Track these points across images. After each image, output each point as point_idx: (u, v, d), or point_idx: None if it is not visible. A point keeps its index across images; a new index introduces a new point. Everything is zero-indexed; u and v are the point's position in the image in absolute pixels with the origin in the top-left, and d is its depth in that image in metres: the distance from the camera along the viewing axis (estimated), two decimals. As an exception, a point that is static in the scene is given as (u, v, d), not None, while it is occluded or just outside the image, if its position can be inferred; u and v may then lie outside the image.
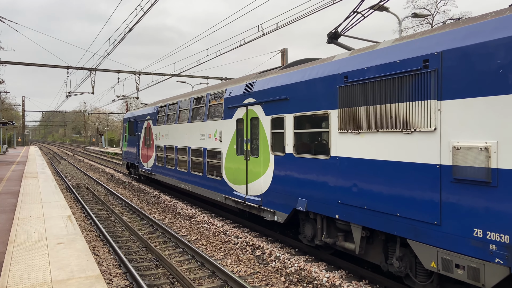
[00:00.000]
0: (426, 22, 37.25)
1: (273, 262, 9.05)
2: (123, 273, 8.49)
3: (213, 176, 12.97)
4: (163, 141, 17.83)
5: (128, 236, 11.79)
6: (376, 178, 6.84)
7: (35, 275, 6.32)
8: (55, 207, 12.06)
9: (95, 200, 18.27)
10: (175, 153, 16.37)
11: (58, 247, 7.83)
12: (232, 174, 11.67)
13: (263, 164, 10.11)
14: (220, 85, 13.42)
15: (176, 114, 16.35)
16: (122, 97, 35.54)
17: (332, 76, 7.82)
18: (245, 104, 10.96)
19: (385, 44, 7.11)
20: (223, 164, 12.20)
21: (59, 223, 9.89)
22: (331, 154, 7.85)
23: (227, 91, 12.20)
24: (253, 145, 10.67)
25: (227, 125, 11.98)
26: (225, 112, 12.14)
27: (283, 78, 9.57)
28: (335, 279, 7.76)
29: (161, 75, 29.67)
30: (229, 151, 11.82)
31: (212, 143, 12.97)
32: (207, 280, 8.21)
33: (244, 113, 11.07)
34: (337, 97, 7.64)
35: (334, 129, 7.77)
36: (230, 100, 11.86)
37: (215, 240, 11.11)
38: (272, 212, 9.82)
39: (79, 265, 6.76)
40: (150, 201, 17.88)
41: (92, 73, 27.01)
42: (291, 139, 9.05)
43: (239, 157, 11.32)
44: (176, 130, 16.22)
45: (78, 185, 23.28)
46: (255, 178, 10.51)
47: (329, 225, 8.47)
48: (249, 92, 10.81)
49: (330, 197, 7.89)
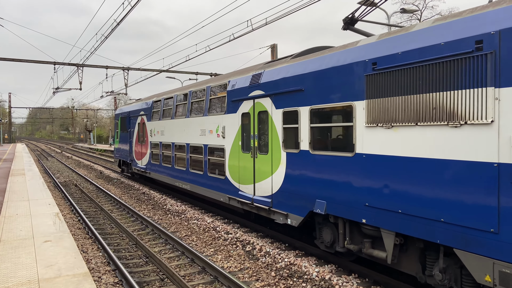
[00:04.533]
0: (415, 18, 37.54)
1: (264, 257, 9.05)
2: (112, 271, 8.41)
3: (215, 175, 12.18)
4: (159, 138, 17.03)
5: (117, 233, 11.69)
6: (414, 178, 5.98)
7: (21, 273, 6.22)
8: (43, 205, 11.90)
9: (83, 197, 18.08)
10: (172, 150, 15.61)
11: (45, 245, 7.72)
12: (237, 172, 10.88)
13: (273, 162, 9.31)
14: (222, 77, 12.45)
15: (173, 109, 15.55)
16: (110, 93, 35.17)
17: (358, 64, 6.94)
18: (252, 97, 10.11)
19: (423, 25, 6.22)
20: (227, 162, 11.40)
21: (46, 221, 9.76)
22: (355, 151, 6.98)
23: (231, 83, 11.31)
24: (261, 141, 9.86)
25: (231, 120, 11.14)
26: (228, 106, 11.30)
27: (296, 68, 8.68)
28: (325, 273, 7.79)
29: (150, 70, 29.44)
30: (234, 148, 11.04)
31: (213, 140, 12.18)
32: (197, 276, 8.18)
33: (250, 107, 10.22)
34: (364, 86, 6.77)
35: (359, 123, 6.91)
36: (234, 93, 11.01)
37: (205, 236, 11.08)
38: (285, 215, 8.98)
39: (67, 263, 6.67)
40: (140, 197, 17.76)
41: (79, 68, 26.66)
42: (307, 134, 8.22)
43: (245, 154, 10.50)
44: (173, 126, 15.45)
45: (66, 182, 23.01)
46: (264, 177, 9.71)
47: (353, 230, 7.56)
48: (256, 84, 9.94)
49: (355, 199, 7.03)
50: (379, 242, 7.00)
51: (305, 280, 7.68)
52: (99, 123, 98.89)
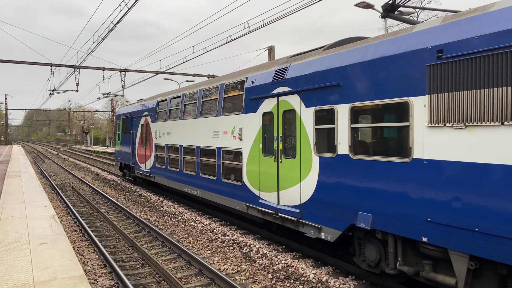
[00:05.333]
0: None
1: (261, 259, 9.04)
2: (109, 273, 8.37)
3: (230, 181, 11.20)
4: (165, 140, 15.98)
5: (114, 236, 11.64)
6: (499, 191, 4.98)
7: (16, 276, 6.18)
8: (39, 207, 11.83)
9: (80, 199, 18.01)
10: (179, 153, 14.53)
11: (41, 248, 7.67)
12: (257, 178, 9.85)
13: (303, 167, 8.28)
14: (238, 74, 11.47)
15: (181, 109, 14.50)
16: (107, 95, 35.14)
17: (416, 52, 5.96)
18: (276, 94, 9.15)
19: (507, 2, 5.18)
20: (244, 167, 10.40)
21: (42, 223, 9.71)
22: (413, 156, 5.98)
23: (249, 80, 10.36)
24: (287, 144, 8.87)
25: (250, 120, 10.17)
26: (246, 105, 10.33)
27: (332, 60, 7.70)
28: (322, 275, 7.79)
29: (147, 72, 29.42)
30: (253, 151, 10.05)
31: (228, 142, 11.20)
32: (194, 278, 8.15)
33: (274, 105, 9.27)
34: (426, 79, 5.78)
35: (419, 123, 5.91)
36: (253, 91, 10.05)
37: (202, 238, 11.05)
38: (317, 228, 7.98)
39: (62, 265, 6.63)
40: (136, 199, 17.70)
41: (76, 70, 26.60)
42: (346, 136, 7.19)
43: (267, 158, 9.49)
44: (181, 127, 14.38)
45: (62, 184, 22.92)
46: (290, 184, 8.67)
47: (407, 249, 6.51)
48: (281, 80, 8.96)
49: (412, 213, 6.00)
50: (444, 265, 5.97)
51: (302, 282, 7.67)
52: (96, 125, 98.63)
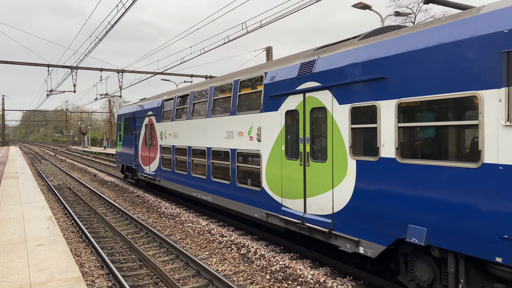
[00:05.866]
0: (409, 21, 37.81)
1: (258, 260, 9.03)
2: (106, 274, 8.35)
3: (246, 186, 10.36)
4: (171, 141, 15.10)
5: (111, 237, 11.61)
6: None
7: (13, 277, 6.15)
8: (36, 208, 11.79)
9: (77, 200, 17.96)
10: (188, 155, 13.66)
11: (38, 249, 7.64)
12: (279, 184, 9.04)
13: (336, 172, 7.43)
14: (255, 69, 10.58)
15: (189, 108, 13.66)
16: (105, 96, 35.07)
17: (487, 37, 5.17)
18: (301, 91, 8.33)
19: None
20: (263, 170, 9.60)
21: (39, 225, 9.67)
22: (483, 161, 5.21)
23: (268, 75, 9.56)
24: (315, 145, 8.07)
25: (270, 120, 9.37)
26: (265, 103, 9.53)
27: (373, 50, 6.86)
28: (320, 276, 7.78)
29: (145, 73, 29.38)
30: (274, 153, 9.24)
31: (245, 143, 10.38)
32: (192, 279, 8.14)
33: (299, 103, 8.43)
34: (502, 68, 5.01)
35: (492, 121, 5.13)
36: (274, 87, 9.24)
37: (200, 239, 11.03)
38: (354, 241, 7.03)
39: (59, 267, 6.61)
40: (134, 200, 17.67)
41: (73, 71, 26.54)
42: (392, 137, 6.38)
43: (290, 161, 8.67)
44: (190, 127, 13.54)
45: (59, 186, 22.86)
46: (320, 190, 7.83)
47: (471, 269, 5.68)
48: (308, 74, 8.15)
49: (482, 229, 5.22)
50: None
51: (300, 283, 7.67)
52: (94, 126, 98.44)
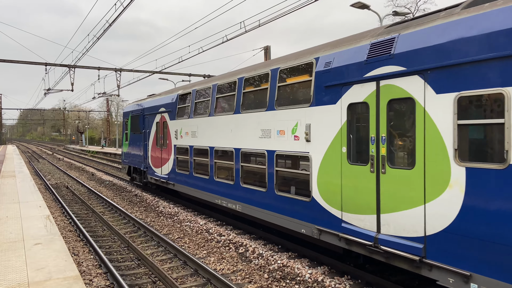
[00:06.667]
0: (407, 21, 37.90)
1: (256, 259, 9.04)
2: (104, 273, 8.35)
3: (289, 195, 8.89)
4: (189, 140, 13.68)
5: (109, 236, 11.60)
6: None
7: (11, 276, 6.14)
8: (33, 207, 11.76)
9: (75, 199, 17.93)
10: (210, 157, 12.25)
11: (36, 248, 7.63)
12: (338, 194, 7.49)
13: (430, 182, 5.99)
14: (300, 55, 8.96)
15: (211, 103, 12.24)
16: (102, 95, 34.96)
17: None
18: (374, 78, 6.78)
19: None
20: (314, 177, 8.08)
21: (37, 224, 9.65)
22: None
23: (321, 61, 8.02)
24: (394, 147, 6.60)
25: (324, 115, 7.86)
26: (317, 95, 8.01)
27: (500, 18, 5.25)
28: (318, 275, 7.80)
29: (143, 72, 29.31)
30: (329, 156, 7.71)
31: (287, 144, 8.90)
32: (190, 278, 8.14)
33: (370, 93, 6.89)
34: None
35: None
36: (330, 75, 7.72)
37: (198, 238, 11.03)
38: (463, 276, 5.49)
39: (57, 265, 6.60)
40: (132, 200, 17.65)
41: (71, 70, 26.46)
42: None
43: (356, 167, 7.14)
44: (212, 125, 12.13)
45: (57, 184, 22.81)
46: (403, 205, 6.32)
47: None
48: (385, 56, 6.64)
49: None
50: None
51: (298, 282, 7.68)
52: (91, 125, 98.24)
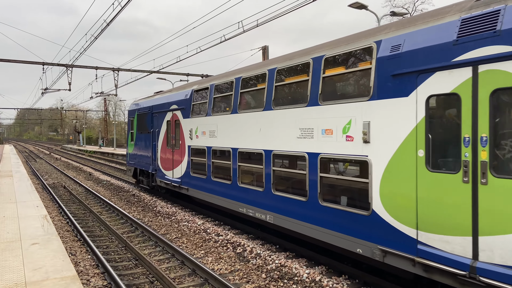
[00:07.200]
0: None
1: (254, 259, 9.04)
2: (101, 273, 8.33)
3: (339, 206, 7.53)
4: (206, 141, 12.39)
5: (107, 236, 11.58)
6: None
7: (8, 276, 6.13)
8: (30, 207, 11.74)
9: (72, 199, 17.88)
10: (233, 159, 10.91)
11: (33, 248, 7.61)
12: (411, 208, 6.17)
13: None
14: (354, 38, 7.60)
15: (234, 99, 10.92)
16: (100, 94, 34.88)
17: None
18: (469, 62, 5.51)
19: None
20: (376, 186, 6.75)
21: (34, 223, 9.63)
22: None
23: (386, 44, 6.71)
24: (501, 151, 5.33)
25: (391, 110, 6.54)
26: (380, 86, 6.72)
27: None
28: (315, 275, 7.81)
29: (140, 71, 29.24)
30: (398, 161, 6.40)
31: (336, 145, 7.56)
32: (188, 278, 8.14)
33: (462, 82, 5.64)
34: None
35: None
36: (399, 61, 6.43)
37: (195, 238, 11.03)
38: None
39: (55, 265, 6.59)
40: (130, 199, 17.62)
41: (68, 69, 26.38)
42: None
43: (439, 175, 5.88)
44: (236, 124, 10.86)
45: (54, 184, 22.75)
46: None
47: None
48: (485, 34, 5.35)
49: None
50: None
51: (296, 282, 7.69)
52: (89, 125, 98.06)
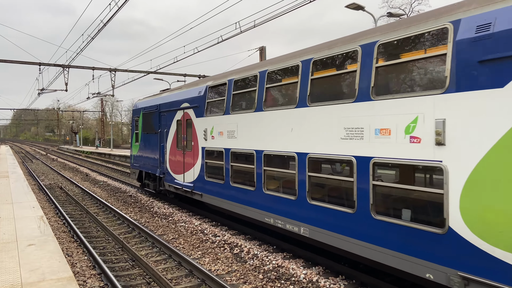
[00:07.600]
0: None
1: (251, 260, 9.04)
2: (98, 274, 8.31)
3: (401, 221, 6.29)
4: (224, 142, 11.11)
5: (103, 237, 11.54)
6: None
7: (4, 277, 6.10)
8: (27, 208, 11.69)
9: (69, 200, 17.82)
10: (256, 163, 9.70)
11: (29, 249, 7.59)
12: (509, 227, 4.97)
13: None
14: (419, 19, 6.37)
15: (259, 95, 9.64)
16: (97, 95, 34.77)
17: None
18: None
19: None
20: (455, 199, 5.53)
21: (30, 224, 9.60)
22: None
23: (468, 22, 5.49)
24: None
25: (477, 105, 5.31)
26: (460, 75, 5.49)
27: None
28: (313, 275, 7.82)
29: (137, 72, 29.17)
30: (489, 168, 5.17)
31: (395, 147, 6.33)
32: (184, 279, 8.13)
33: None
34: None
35: None
36: (490, 43, 5.17)
37: (192, 239, 11.01)
38: None
39: (51, 266, 6.57)
40: (126, 200, 17.58)
41: (65, 69, 26.29)
42: None
43: None
44: (260, 123, 9.58)
45: (51, 185, 22.66)
46: None
47: None
48: None
49: None
50: None
51: (293, 282, 7.69)
52: (85, 125, 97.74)
